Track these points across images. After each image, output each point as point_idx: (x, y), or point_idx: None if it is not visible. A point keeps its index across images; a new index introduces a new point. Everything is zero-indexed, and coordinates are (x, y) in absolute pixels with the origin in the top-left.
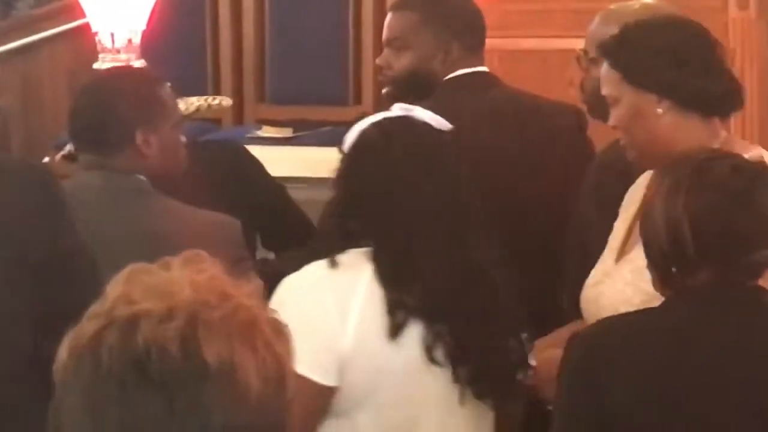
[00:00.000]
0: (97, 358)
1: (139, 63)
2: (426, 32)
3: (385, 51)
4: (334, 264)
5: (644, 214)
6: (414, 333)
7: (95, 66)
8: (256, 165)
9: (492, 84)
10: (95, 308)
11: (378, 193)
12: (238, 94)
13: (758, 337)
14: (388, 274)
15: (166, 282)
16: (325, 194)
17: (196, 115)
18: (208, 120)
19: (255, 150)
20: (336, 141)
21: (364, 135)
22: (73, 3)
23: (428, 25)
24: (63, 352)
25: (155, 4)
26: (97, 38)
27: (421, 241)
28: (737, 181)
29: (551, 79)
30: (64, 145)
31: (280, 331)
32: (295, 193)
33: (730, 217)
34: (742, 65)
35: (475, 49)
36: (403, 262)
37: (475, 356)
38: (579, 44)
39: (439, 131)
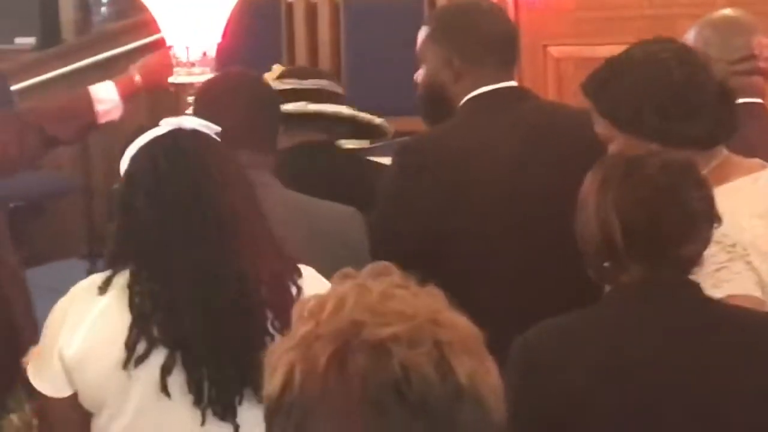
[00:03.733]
0: (347, 383)
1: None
2: (432, 46)
3: None
4: (106, 281)
5: (578, 209)
6: (153, 361)
7: (170, 80)
8: (380, 175)
9: (520, 98)
10: (312, 327)
11: (148, 219)
12: None
13: (690, 333)
14: (134, 303)
15: (395, 302)
16: None
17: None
18: None
19: None
20: None
21: (133, 162)
22: (149, 19)
23: (434, 39)
24: (283, 374)
25: (230, 18)
26: (171, 52)
27: (171, 259)
28: (665, 176)
29: None
30: None
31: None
32: None
33: (657, 211)
34: None
35: (495, 64)
36: (153, 288)
37: (219, 384)
38: None
39: (207, 137)
